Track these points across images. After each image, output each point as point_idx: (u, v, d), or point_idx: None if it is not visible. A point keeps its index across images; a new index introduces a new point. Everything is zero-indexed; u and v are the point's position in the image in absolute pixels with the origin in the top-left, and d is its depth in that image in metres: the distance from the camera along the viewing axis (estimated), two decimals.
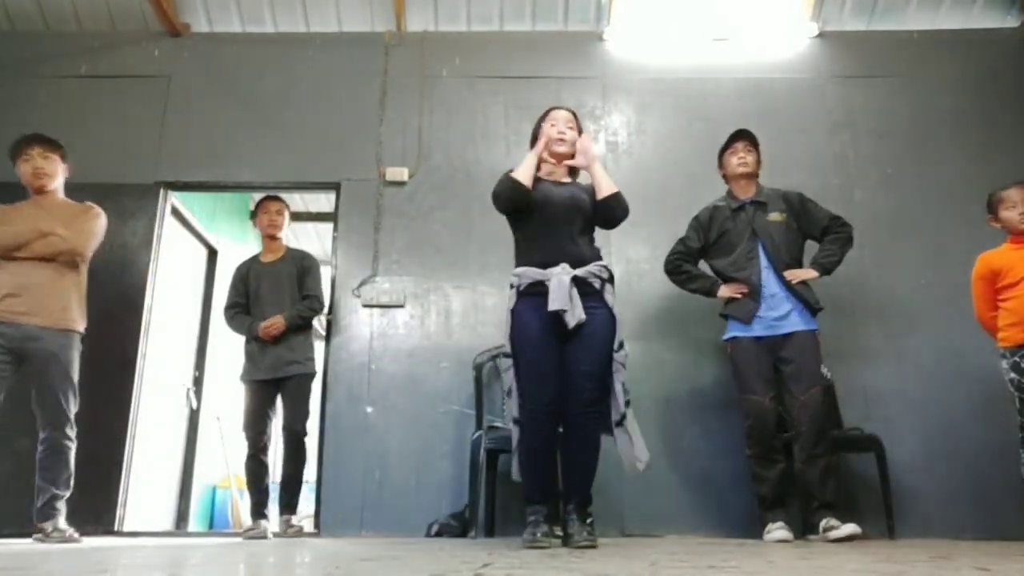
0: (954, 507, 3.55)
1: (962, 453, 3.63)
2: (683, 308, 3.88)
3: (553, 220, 2.68)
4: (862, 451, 3.43)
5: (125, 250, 4.05)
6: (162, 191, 4.22)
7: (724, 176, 3.45)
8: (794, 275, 3.21)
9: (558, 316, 2.52)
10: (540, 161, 2.78)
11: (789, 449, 3.17)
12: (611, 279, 2.70)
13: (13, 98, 4.34)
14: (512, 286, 2.69)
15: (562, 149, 2.79)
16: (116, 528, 3.66)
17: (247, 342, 3.68)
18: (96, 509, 3.63)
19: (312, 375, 3.69)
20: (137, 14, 4.46)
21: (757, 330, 3.17)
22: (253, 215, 3.96)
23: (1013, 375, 3.02)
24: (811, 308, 3.18)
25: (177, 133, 4.28)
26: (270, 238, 3.83)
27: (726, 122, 4.20)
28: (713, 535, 3.53)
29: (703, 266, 3.47)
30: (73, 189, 4.15)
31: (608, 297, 2.64)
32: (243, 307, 3.74)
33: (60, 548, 2.59)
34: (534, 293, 2.59)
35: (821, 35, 4.39)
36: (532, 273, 2.63)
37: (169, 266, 4.31)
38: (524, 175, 2.69)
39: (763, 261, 3.23)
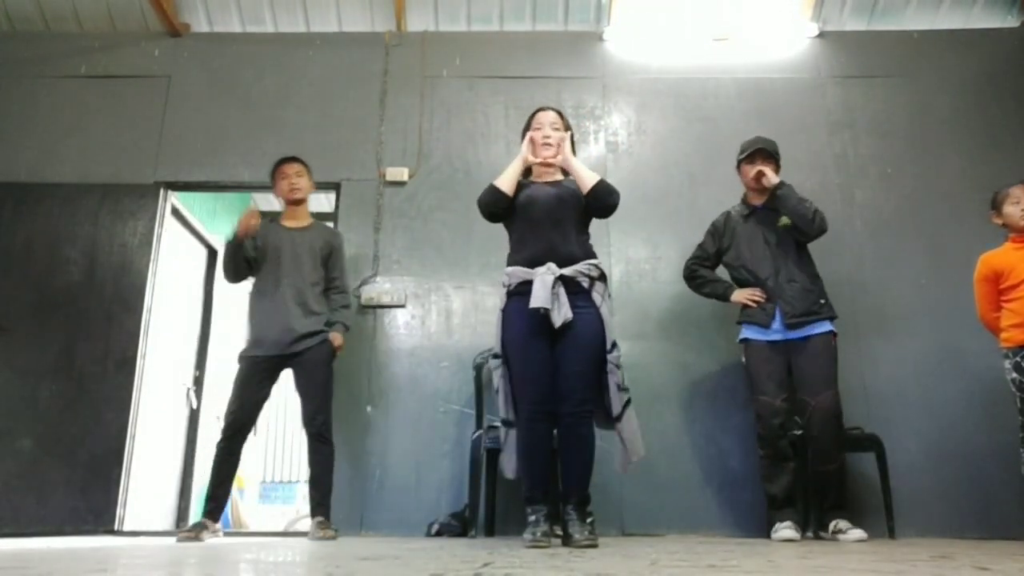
0: (954, 507, 3.55)
1: (962, 453, 3.62)
2: (683, 308, 3.89)
3: (539, 220, 2.70)
4: (862, 451, 3.43)
5: (125, 250, 4.06)
6: (162, 191, 4.22)
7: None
8: (765, 176, 3.27)
9: (545, 316, 2.54)
10: (529, 165, 2.81)
11: (799, 450, 3.19)
12: (602, 277, 2.70)
13: (13, 98, 4.34)
14: (504, 286, 2.71)
15: (548, 153, 2.80)
16: (116, 528, 3.66)
17: (251, 314, 3.36)
18: (96, 509, 3.64)
19: (332, 351, 3.36)
20: (137, 14, 4.47)
21: (773, 335, 3.21)
22: (272, 183, 3.59)
23: (1015, 375, 3.01)
24: (827, 315, 3.21)
25: (177, 133, 4.28)
26: (294, 203, 3.54)
27: (726, 122, 4.23)
28: (713, 534, 3.53)
29: (720, 272, 3.52)
30: (73, 189, 4.17)
31: (596, 296, 2.64)
32: (247, 261, 3.40)
33: (60, 548, 2.59)
34: (523, 293, 2.60)
35: (821, 35, 4.39)
36: (520, 273, 2.66)
37: (169, 266, 4.31)
38: (506, 183, 2.74)
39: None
